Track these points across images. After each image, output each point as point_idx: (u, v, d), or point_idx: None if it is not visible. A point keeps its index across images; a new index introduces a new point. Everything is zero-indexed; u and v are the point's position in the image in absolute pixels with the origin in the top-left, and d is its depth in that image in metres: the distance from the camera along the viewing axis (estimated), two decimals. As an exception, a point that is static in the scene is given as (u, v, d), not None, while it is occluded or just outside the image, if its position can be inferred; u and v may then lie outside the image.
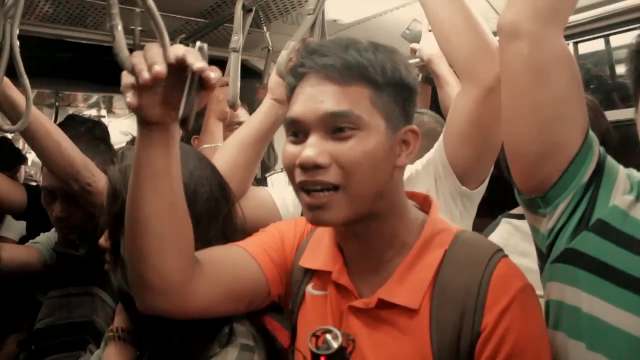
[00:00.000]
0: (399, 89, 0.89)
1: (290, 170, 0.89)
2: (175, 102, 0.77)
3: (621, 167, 0.90)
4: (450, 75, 1.58)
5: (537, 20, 0.84)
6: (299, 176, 0.86)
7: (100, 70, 3.02)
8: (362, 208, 0.87)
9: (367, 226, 0.90)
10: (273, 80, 1.33)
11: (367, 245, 0.92)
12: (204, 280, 0.91)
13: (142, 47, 0.76)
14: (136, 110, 0.78)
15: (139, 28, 2.02)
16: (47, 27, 2.11)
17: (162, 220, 0.84)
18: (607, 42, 2.07)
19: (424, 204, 0.98)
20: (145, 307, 0.90)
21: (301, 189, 0.87)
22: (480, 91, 1.12)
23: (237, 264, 0.96)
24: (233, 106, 1.50)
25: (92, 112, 4.81)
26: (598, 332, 0.84)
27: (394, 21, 2.01)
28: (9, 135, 3.50)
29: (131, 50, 0.76)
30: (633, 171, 0.91)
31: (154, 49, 0.75)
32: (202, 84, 0.76)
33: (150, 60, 0.74)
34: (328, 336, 0.82)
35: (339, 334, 0.81)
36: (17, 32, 1.22)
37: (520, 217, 1.67)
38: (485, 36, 1.13)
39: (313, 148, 0.84)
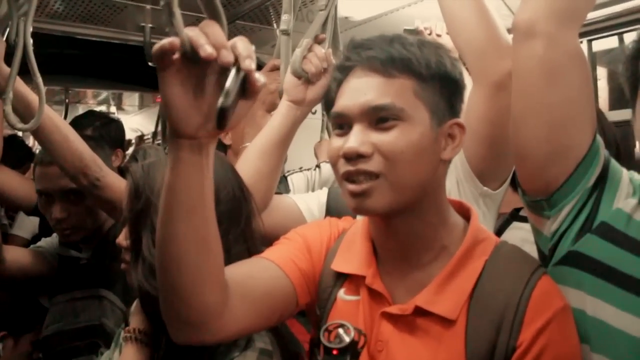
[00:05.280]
0: (444, 82, 0.89)
1: (334, 163, 0.89)
2: (210, 110, 0.67)
3: (624, 170, 0.89)
4: (467, 77, 1.55)
5: (554, 20, 0.83)
6: (343, 167, 0.87)
7: (110, 67, 3.03)
8: (404, 197, 0.86)
9: (407, 222, 0.89)
10: (288, 81, 1.29)
11: (405, 244, 0.91)
12: (238, 305, 0.86)
13: (152, 45, 0.69)
14: (168, 115, 0.67)
15: (150, 25, 2.01)
16: (58, 24, 2.11)
17: (197, 255, 0.78)
18: (621, 40, 2.05)
19: (460, 210, 0.96)
20: (182, 340, 0.85)
21: (345, 179, 0.87)
22: (490, 88, 1.11)
23: (266, 279, 0.92)
24: None
25: (102, 109, 4.84)
26: (602, 335, 0.83)
27: (407, 18, 1.99)
28: (19, 133, 3.50)
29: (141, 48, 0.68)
30: (634, 174, 0.90)
31: (216, 28, 0.64)
32: (245, 89, 0.64)
33: (218, 41, 0.62)
34: (340, 330, 0.82)
35: (351, 328, 0.81)
36: (31, 30, 1.21)
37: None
38: (496, 31, 1.11)
39: (356, 138, 0.85)
